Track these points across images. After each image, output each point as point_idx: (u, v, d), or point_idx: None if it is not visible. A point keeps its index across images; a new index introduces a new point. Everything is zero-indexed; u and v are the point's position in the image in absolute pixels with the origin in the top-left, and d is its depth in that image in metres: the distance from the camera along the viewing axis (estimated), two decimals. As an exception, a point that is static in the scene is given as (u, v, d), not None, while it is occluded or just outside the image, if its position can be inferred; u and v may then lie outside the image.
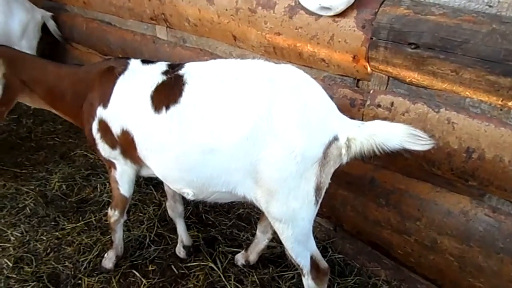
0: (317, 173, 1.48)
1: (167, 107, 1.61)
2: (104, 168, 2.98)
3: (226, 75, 1.59)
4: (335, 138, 1.47)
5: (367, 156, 1.51)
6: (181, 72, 1.67)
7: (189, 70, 1.67)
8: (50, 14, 4.01)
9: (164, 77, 1.70)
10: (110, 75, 1.78)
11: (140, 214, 2.56)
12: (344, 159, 1.51)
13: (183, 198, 2.13)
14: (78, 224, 2.48)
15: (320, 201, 1.57)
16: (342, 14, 1.80)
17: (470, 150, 1.63)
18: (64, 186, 2.80)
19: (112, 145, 1.84)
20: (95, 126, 1.84)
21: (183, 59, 2.79)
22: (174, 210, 2.29)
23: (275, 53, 2.20)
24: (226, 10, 2.28)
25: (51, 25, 4.04)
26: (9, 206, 2.62)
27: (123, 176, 1.93)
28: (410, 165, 1.87)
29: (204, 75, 1.62)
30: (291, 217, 1.56)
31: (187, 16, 2.56)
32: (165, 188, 2.25)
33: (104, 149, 1.88)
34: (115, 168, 1.92)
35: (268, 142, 1.46)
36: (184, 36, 2.81)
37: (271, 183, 1.51)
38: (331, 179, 1.58)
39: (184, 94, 1.59)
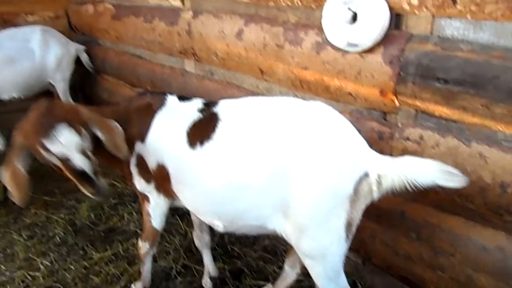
0: (347, 209, 1.48)
1: (202, 143, 1.66)
2: (131, 197, 3.03)
3: (257, 113, 1.64)
4: (366, 175, 1.48)
5: (398, 191, 1.51)
6: (215, 109, 1.73)
7: (222, 108, 1.73)
8: (83, 47, 4.21)
9: (200, 114, 1.76)
10: (149, 111, 1.84)
11: (166, 244, 2.57)
12: (375, 195, 1.50)
13: (210, 228, 2.15)
14: (105, 254, 2.52)
15: (351, 237, 1.56)
16: (370, 50, 1.84)
17: (504, 185, 1.60)
18: (92, 215, 2.85)
19: (148, 180, 1.89)
20: (133, 160, 1.89)
21: (210, 92, 2.87)
22: (201, 240, 2.30)
23: (302, 87, 2.25)
24: (254, 45, 2.35)
25: (84, 57, 4.24)
26: (39, 234, 2.68)
27: (156, 210, 1.97)
28: (441, 199, 1.84)
29: (236, 113, 1.68)
30: (322, 253, 1.55)
31: (215, 50, 2.65)
32: (192, 217, 2.28)
33: (140, 183, 1.92)
34: (148, 201, 1.95)
35: (298, 179, 1.47)
36: (211, 69, 2.90)
37: (302, 219, 1.51)
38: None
39: (217, 131, 1.64)
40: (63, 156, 1.55)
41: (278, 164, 1.50)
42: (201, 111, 1.78)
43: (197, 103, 1.84)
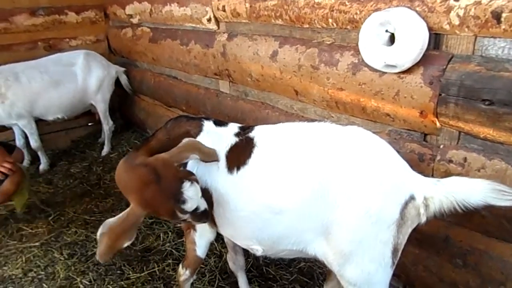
0: (394, 234, 1.42)
1: (238, 168, 1.66)
2: (167, 216, 3.07)
3: (294, 138, 1.63)
4: (412, 198, 1.42)
5: (446, 214, 1.44)
6: (251, 134, 1.73)
7: (258, 133, 1.73)
8: (123, 69, 4.38)
9: (237, 139, 1.76)
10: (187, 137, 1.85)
11: (202, 266, 2.57)
12: (423, 219, 1.45)
13: (244, 250, 2.13)
14: (142, 274, 2.54)
15: (396, 262, 1.50)
16: (408, 70, 1.80)
17: (559, 212, 1.50)
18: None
19: None
20: None
21: (245, 112, 2.89)
22: (236, 263, 2.28)
23: (338, 108, 2.22)
24: (289, 66, 2.36)
25: (123, 79, 4.41)
26: (79, 253, 2.75)
27: (201, 239, 1.96)
28: (488, 223, 1.75)
29: (273, 138, 1.67)
30: (366, 281, 1.50)
31: (250, 72, 2.67)
32: (226, 240, 2.26)
33: None
34: (194, 229, 1.95)
35: (340, 203, 1.44)
36: (246, 90, 2.93)
37: (345, 245, 1.47)
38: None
39: (253, 156, 1.64)
40: (193, 208, 1.57)
41: (319, 188, 1.47)
42: (237, 135, 1.78)
43: (233, 127, 1.85)
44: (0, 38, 2.46)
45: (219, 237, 2.76)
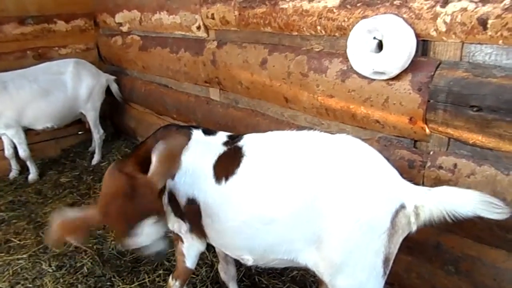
0: (385, 243, 1.41)
1: (227, 178, 1.64)
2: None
3: (283, 147, 1.61)
4: (402, 206, 1.41)
5: (436, 223, 1.43)
6: (240, 143, 1.71)
7: (247, 142, 1.71)
8: (113, 77, 4.35)
9: (225, 148, 1.74)
10: None
11: (193, 276, 2.53)
12: (414, 228, 1.44)
13: (236, 260, 2.10)
14: (132, 286, 2.50)
15: (388, 272, 1.48)
16: (397, 77, 1.80)
17: (549, 218, 1.49)
18: (119, 245, 2.86)
19: (180, 218, 1.86)
20: (165, 198, 1.85)
21: (235, 120, 2.88)
22: (227, 273, 2.25)
23: (328, 115, 2.21)
24: (278, 74, 2.35)
25: (114, 87, 4.37)
26: (68, 265, 2.70)
27: (190, 250, 1.93)
28: (480, 230, 1.74)
29: (262, 147, 1.66)
30: None
31: (240, 79, 2.66)
32: (216, 250, 2.23)
33: (173, 222, 1.88)
34: (182, 241, 1.92)
35: (331, 213, 1.42)
36: (236, 97, 2.92)
37: (336, 255, 1.45)
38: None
39: (242, 165, 1.62)
40: (142, 245, 1.49)
41: (308, 198, 1.45)
42: (225, 144, 1.77)
43: (222, 136, 1.83)
44: None
45: (210, 247, 2.73)
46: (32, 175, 3.96)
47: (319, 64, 2.12)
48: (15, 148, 3.90)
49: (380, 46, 1.77)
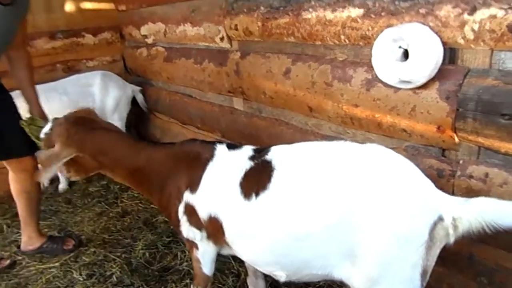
0: (423, 256, 1.38)
1: (257, 194, 1.62)
2: (184, 235, 3.07)
3: (314, 160, 1.59)
4: (440, 218, 1.38)
5: (473, 234, 1.40)
6: (268, 157, 1.70)
7: (276, 155, 1.69)
8: (139, 88, 4.46)
9: (252, 163, 1.73)
10: (199, 162, 1.84)
11: (219, 285, 2.55)
12: (451, 239, 1.41)
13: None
14: (160, 294, 2.54)
15: (425, 285, 1.45)
16: (423, 86, 1.77)
17: None
18: (147, 254, 2.91)
19: (198, 228, 1.88)
20: (181, 209, 1.88)
21: (259, 129, 2.89)
22: (256, 287, 2.25)
23: (353, 124, 2.20)
24: (302, 83, 2.36)
25: (139, 98, 4.48)
26: (98, 274, 2.77)
27: (205, 256, 1.95)
28: (514, 241, 1.69)
29: (292, 160, 1.64)
30: None
31: (263, 89, 2.68)
32: (246, 264, 2.23)
33: (187, 230, 1.91)
34: (197, 248, 1.94)
35: (366, 225, 1.40)
36: (260, 107, 2.93)
37: (373, 269, 1.43)
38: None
39: (272, 180, 1.60)
40: None
41: (343, 211, 1.43)
42: (252, 159, 1.75)
43: (247, 150, 1.82)
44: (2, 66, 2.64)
45: (236, 256, 2.74)
46: (62, 184, 4.08)
47: (343, 73, 2.12)
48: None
49: (405, 55, 1.75)
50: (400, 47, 1.74)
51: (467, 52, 1.68)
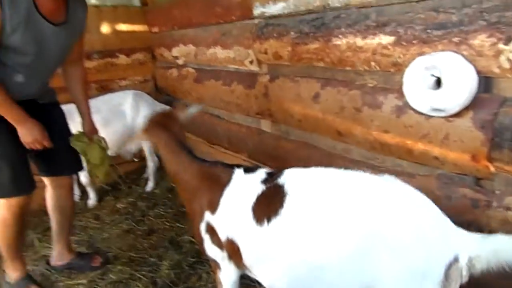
0: None
1: (268, 220, 1.61)
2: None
3: (328, 188, 1.57)
4: (456, 259, 1.33)
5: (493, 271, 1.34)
6: (280, 181, 1.69)
7: (288, 179, 1.68)
8: (169, 107, 4.55)
9: (264, 187, 1.73)
10: (218, 184, 1.88)
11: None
12: (467, 278, 1.35)
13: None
14: (184, 315, 2.53)
15: None
16: (457, 114, 1.73)
17: None
18: (172, 274, 2.92)
19: (220, 247, 1.89)
20: (203, 227, 1.92)
21: (287, 152, 2.89)
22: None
23: (382, 149, 2.17)
24: (331, 108, 2.36)
25: None
26: (124, 292, 2.80)
27: (227, 278, 1.95)
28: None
29: (306, 186, 1.62)
30: None
31: (292, 112, 2.69)
32: None
33: (211, 249, 1.93)
34: (220, 269, 1.95)
35: (383, 260, 1.37)
36: (287, 129, 2.94)
37: None
38: None
39: (285, 206, 1.59)
40: None
41: (359, 244, 1.40)
42: (264, 182, 1.74)
43: (261, 174, 1.82)
44: (61, 81, 2.76)
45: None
46: (92, 200, 4.18)
47: (373, 99, 2.11)
48: (76, 174, 4.15)
49: (438, 83, 1.73)
50: (432, 75, 1.72)
51: (503, 81, 1.64)
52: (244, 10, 2.96)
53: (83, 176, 4.07)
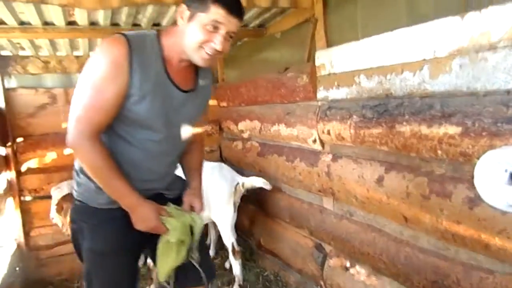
0: None
1: None
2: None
3: None
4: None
5: None
6: None
7: None
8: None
9: None
10: None
11: None
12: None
13: None
14: None
15: None
16: (537, 211, 1.61)
17: None
18: None
19: None
20: None
21: (349, 233, 2.82)
22: None
23: (454, 241, 2.04)
24: (396, 193, 2.30)
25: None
26: None
27: None
28: None
29: None
30: None
31: (355, 193, 2.66)
32: None
33: None
34: None
35: None
36: (350, 209, 2.89)
37: None
38: None
39: None
40: None
41: None
42: None
43: None
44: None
45: None
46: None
47: (441, 187, 2.03)
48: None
49: (513, 178, 1.64)
50: (506, 170, 1.64)
51: None
52: (307, 93, 3.09)
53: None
